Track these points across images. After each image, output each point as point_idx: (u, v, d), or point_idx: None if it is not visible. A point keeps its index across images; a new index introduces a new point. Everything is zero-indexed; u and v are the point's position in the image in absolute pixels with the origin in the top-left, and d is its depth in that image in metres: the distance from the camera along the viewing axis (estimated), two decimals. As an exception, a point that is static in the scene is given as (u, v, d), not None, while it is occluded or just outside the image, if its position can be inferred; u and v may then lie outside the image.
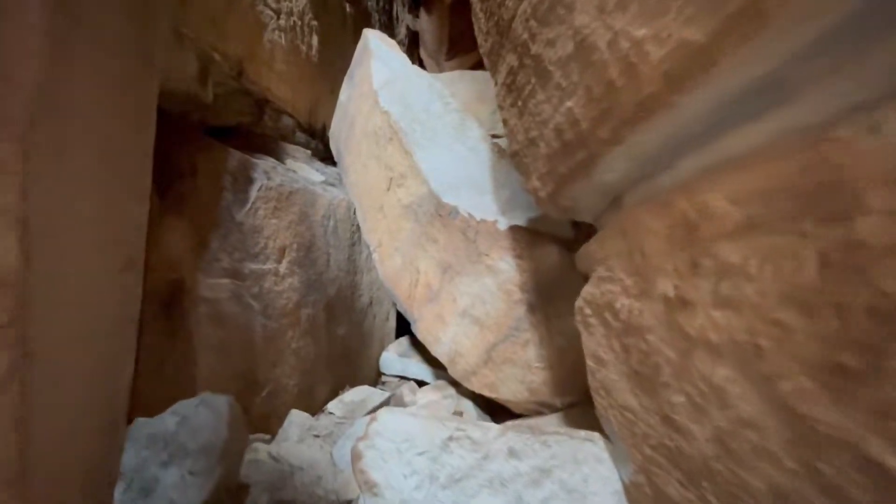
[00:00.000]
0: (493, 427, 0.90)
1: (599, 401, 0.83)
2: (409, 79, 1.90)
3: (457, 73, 3.01)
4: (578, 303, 0.90)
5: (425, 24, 3.86)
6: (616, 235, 0.73)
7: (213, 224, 1.57)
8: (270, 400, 1.64)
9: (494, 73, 0.98)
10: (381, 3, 3.51)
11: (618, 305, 0.70)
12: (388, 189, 1.89)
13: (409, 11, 3.95)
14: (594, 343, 0.82)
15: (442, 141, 1.75)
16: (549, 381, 1.36)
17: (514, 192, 1.69)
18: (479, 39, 1.06)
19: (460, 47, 3.56)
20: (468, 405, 1.69)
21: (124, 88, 0.68)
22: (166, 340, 1.35)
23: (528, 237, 1.36)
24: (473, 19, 1.07)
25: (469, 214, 1.48)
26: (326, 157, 2.83)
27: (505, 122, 0.96)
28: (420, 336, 1.78)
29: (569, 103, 0.67)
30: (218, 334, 1.45)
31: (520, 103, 0.85)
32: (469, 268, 1.49)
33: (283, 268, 1.80)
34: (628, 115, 0.57)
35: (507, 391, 1.45)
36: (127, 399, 0.72)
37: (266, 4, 2.25)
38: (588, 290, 0.86)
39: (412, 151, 1.70)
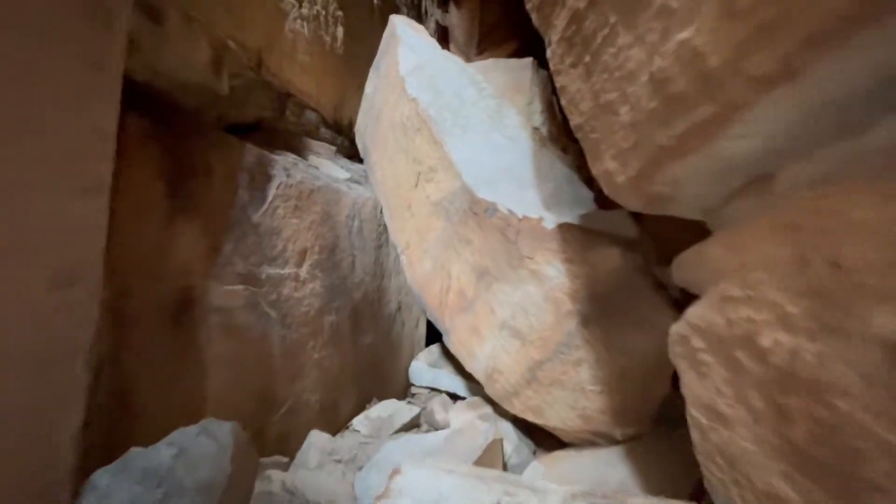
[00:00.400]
0: (555, 492, 0.70)
1: (713, 470, 0.61)
2: (438, 63, 1.72)
3: (490, 61, 2.81)
4: (678, 329, 0.68)
5: (455, 18, 3.77)
6: (769, 236, 0.52)
7: (227, 226, 1.43)
8: (289, 418, 1.49)
9: (547, 29, 0.79)
10: None
11: (766, 342, 0.49)
12: (417, 185, 1.72)
13: (439, 6, 3.86)
14: (708, 390, 0.60)
15: (476, 129, 1.56)
16: (607, 407, 1.15)
17: (558, 185, 1.49)
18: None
19: (490, 41, 3.46)
20: (507, 428, 1.49)
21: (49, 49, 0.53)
22: (175, 356, 1.22)
23: (580, 237, 1.15)
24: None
25: (509, 211, 1.28)
26: (353, 155, 2.69)
27: (563, 89, 0.76)
28: (453, 349, 1.59)
29: (684, 34, 0.47)
30: (231, 347, 1.31)
31: (587, 59, 0.65)
32: (509, 273, 1.30)
33: (303, 272, 1.65)
34: (821, 24, 0.36)
35: (555, 417, 1.25)
36: (73, 455, 0.56)
37: None
38: (698, 313, 0.63)
39: (442, 141, 1.52)
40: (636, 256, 1.07)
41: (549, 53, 0.81)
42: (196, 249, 1.33)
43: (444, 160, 1.51)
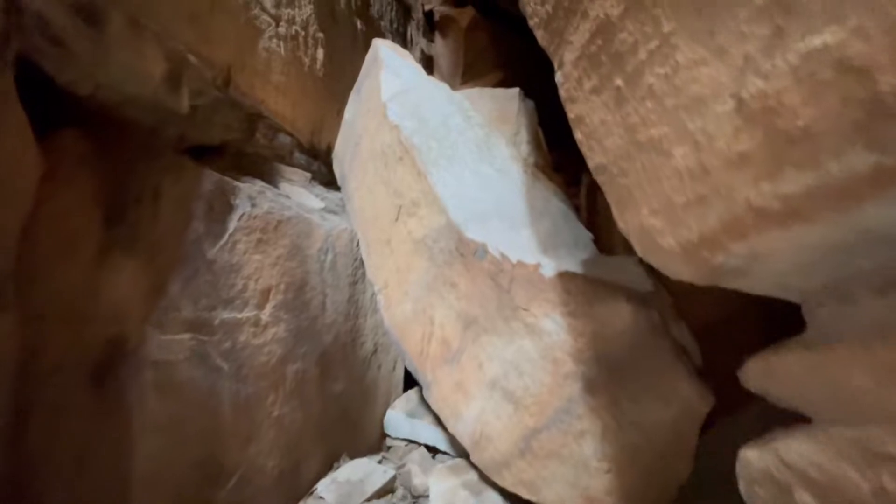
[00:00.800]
0: None
1: None
2: (424, 89, 1.59)
3: (476, 89, 2.71)
4: (763, 461, 0.49)
5: (440, 47, 3.76)
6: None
7: (175, 262, 1.23)
8: (240, 490, 1.27)
9: (559, 48, 0.64)
10: (394, 25, 3.39)
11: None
12: (397, 219, 1.56)
13: (424, 35, 3.87)
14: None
15: (464, 160, 1.41)
16: (614, 489, 0.97)
17: (555, 223, 1.34)
18: (529, 9, 0.72)
19: (475, 71, 3.47)
20: (495, 499, 1.30)
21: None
22: (94, 423, 1.00)
23: (585, 288, 0.99)
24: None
25: (501, 255, 1.12)
26: (331, 182, 2.52)
27: (578, 119, 0.61)
28: (434, 405, 1.41)
29: (819, 38, 0.31)
30: (168, 409, 1.10)
31: (619, 82, 0.51)
32: (501, 325, 1.13)
33: (265, 315, 1.45)
34: None
35: (552, 495, 1.06)
36: None
37: (263, 9, 1.96)
38: (808, 452, 0.44)
39: (427, 172, 1.37)
40: (651, 314, 0.92)
41: (558, 77, 0.67)
42: (133, 290, 1.12)
43: (428, 193, 1.35)
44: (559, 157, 2.52)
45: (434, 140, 1.42)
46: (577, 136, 0.63)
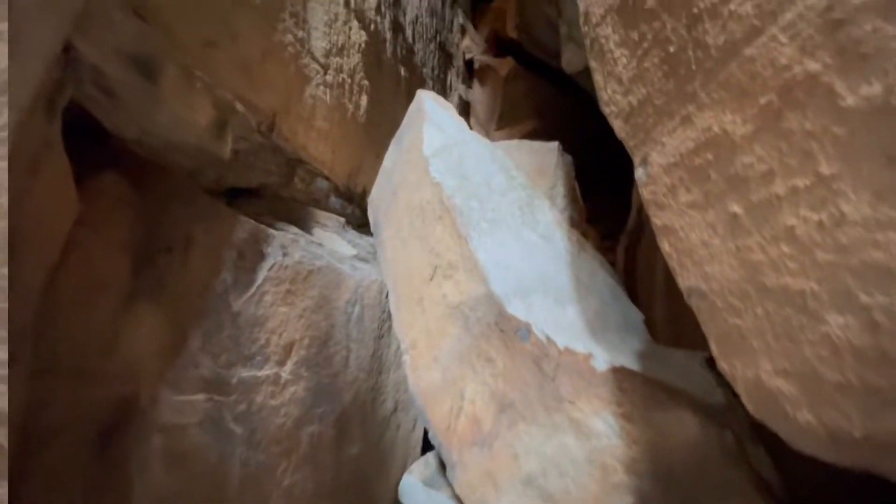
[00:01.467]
0: None
1: None
2: (467, 146, 1.55)
3: (515, 142, 2.73)
4: None
5: (478, 94, 3.90)
6: None
7: (198, 315, 1.17)
8: (241, 569, 1.15)
9: (643, 144, 0.56)
10: (436, 72, 3.55)
11: None
12: (432, 279, 1.48)
13: (463, 81, 4.01)
14: None
15: (506, 224, 1.34)
16: None
17: (603, 301, 1.24)
18: (605, 95, 0.65)
19: (511, 118, 3.60)
20: None
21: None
22: (94, 491, 0.92)
23: (643, 389, 0.88)
24: (599, 62, 0.67)
25: (546, 338, 1.03)
26: (363, 224, 2.49)
27: (664, 230, 0.52)
28: (459, 490, 1.28)
29: None
30: (173, 481, 1.01)
31: (735, 208, 0.42)
32: (542, 415, 1.02)
33: (286, 372, 1.37)
34: None
35: None
36: None
37: (313, 58, 1.97)
38: None
39: (467, 236, 1.30)
40: (724, 433, 0.79)
41: (640, 175, 0.59)
42: (152, 345, 1.06)
43: (467, 258, 1.28)
44: (593, 207, 2.44)
45: (476, 200, 1.36)
46: (664, 246, 0.54)
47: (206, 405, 1.09)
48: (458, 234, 1.35)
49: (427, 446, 2.15)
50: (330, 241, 1.93)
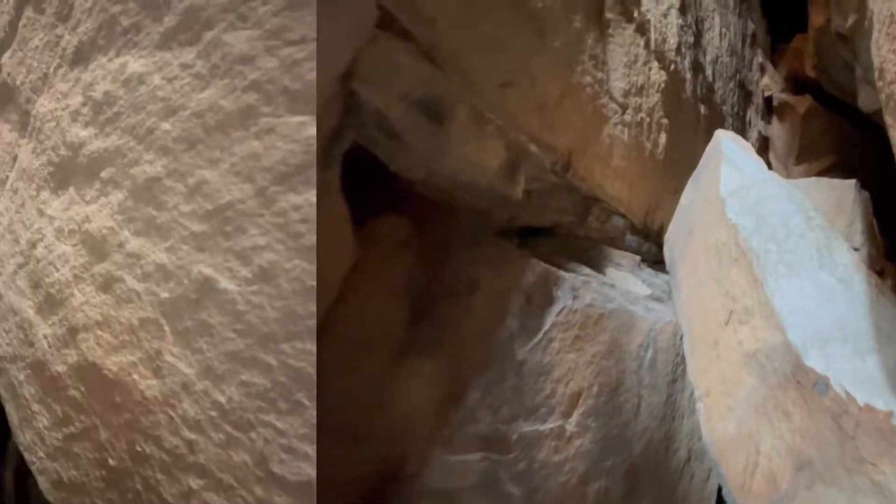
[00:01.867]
0: None
1: None
2: (765, 186, 1.54)
3: (812, 179, 2.75)
4: None
5: (777, 130, 4.13)
6: None
7: (480, 366, 1.12)
8: None
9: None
10: (735, 109, 3.66)
11: None
12: (727, 323, 1.47)
13: (762, 118, 4.20)
14: None
15: (803, 268, 1.30)
16: None
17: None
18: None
19: (809, 154, 3.78)
20: None
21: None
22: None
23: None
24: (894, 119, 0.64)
25: (846, 393, 0.98)
26: (658, 261, 2.49)
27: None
28: (755, 550, 1.23)
29: None
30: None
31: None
32: (842, 476, 0.97)
33: (571, 424, 1.31)
34: None
35: None
36: None
37: (611, 98, 1.98)
38: None
39: (764, 281, 1.29)
40: None
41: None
42: (426, 400, 1.02)
43: (763, 304, 1.27)
44: (892, 244, 2.51)
45: (773, 243, 1.34)
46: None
47: (482, 465, 1.05)
48: (755, 278, 1.34)
49: (720, 498, 1.93)
50: (623, 280, 2.03)
